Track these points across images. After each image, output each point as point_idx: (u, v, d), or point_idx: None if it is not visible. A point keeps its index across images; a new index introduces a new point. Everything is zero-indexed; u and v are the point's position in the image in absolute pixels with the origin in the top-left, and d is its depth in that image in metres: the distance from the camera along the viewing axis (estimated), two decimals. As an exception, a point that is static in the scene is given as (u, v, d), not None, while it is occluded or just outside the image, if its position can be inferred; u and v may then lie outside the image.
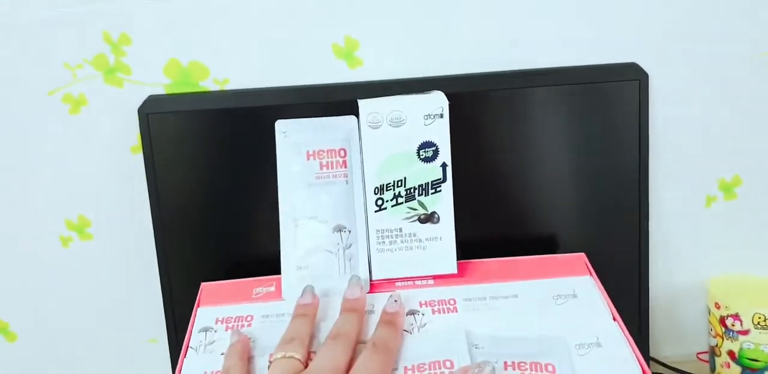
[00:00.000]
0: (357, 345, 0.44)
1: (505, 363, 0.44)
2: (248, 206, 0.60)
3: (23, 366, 0.70)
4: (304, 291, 0.50)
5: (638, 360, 0.45)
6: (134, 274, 0.66)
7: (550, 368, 0.44)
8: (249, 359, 0.45)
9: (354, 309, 0.47)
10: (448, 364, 0.44)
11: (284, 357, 0.42)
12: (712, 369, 0.68)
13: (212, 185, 0.60)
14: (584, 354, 0.45)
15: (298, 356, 0.42)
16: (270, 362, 0.43)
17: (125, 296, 0.68)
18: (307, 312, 0.48)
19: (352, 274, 0.51)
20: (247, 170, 0.60)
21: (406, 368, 0.44)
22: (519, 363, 0.44)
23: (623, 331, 0.47)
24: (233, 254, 0.61)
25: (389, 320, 0.47)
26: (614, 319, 0.48)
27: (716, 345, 0.67)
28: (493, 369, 0.40)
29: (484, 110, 0.60)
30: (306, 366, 0.42)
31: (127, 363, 0.70)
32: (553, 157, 0.61)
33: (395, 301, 0.48)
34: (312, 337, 0.46)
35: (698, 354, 0.72)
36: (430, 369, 0.44)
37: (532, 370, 0.44)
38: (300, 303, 0.49)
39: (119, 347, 0.69)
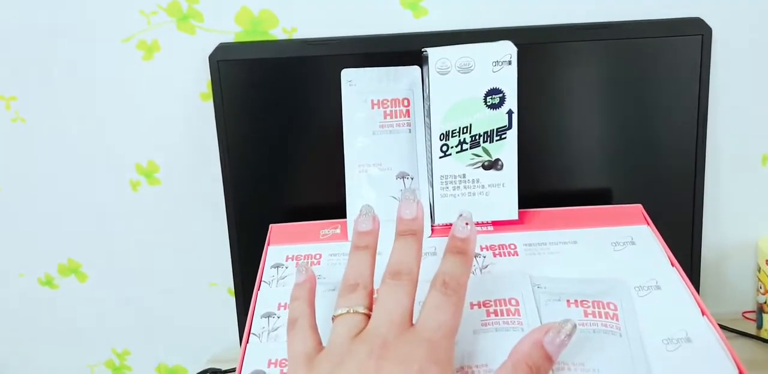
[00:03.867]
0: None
1: (568, 301, 0.46)
2: (313, 152, 0.62)
3: (93, 306, 0.75)
4: (361, 212, 0.45)
5: (697, 301, 0.46)
6: (200, 220, 0.69)
7: (612, 306, 0.45)
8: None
9: (412, 232, 0.43)
10: (513, 302, 0.46)
11: (348, 312, 0.40)
12: (759, 326, 0.69)
13: (279, 132, 0.62)
14: (644, 296, 0.47)
15: (362, 309, 0.40)
16: (334, 317, 0.40)
17: (189, 241, 0.71)
18: (368, 244, 0.44)
19: (406, 188, 0.46)
20: (312, 117, 0.61)
21: (471, 303, 0.46)
22: (582, 301, 0.45)
23: (681, 275, 0.48)
24: (298, 200, 0.63)
25: (460, 248, 0.42)
26: (672, 265, 0.50)
27: (765, 302, 0.67)
28: (575, 326, 0.39)
29: (545, 62, 0.60)
30: (370, 315, 0.40)
31: (189, 305, 0.74)
32: (614, 110, 0.62)
33: (465, 224, 0.42)
34: (374, 274, 0.43)
35: (744, 313, 0.72)
36: (496, 306, 0.46)
37: (594, 308, 0.45)
38: (359, 230, 0.44)
39: (182, 289, 0.73)
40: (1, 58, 0.65)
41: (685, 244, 0.65)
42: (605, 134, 0.63)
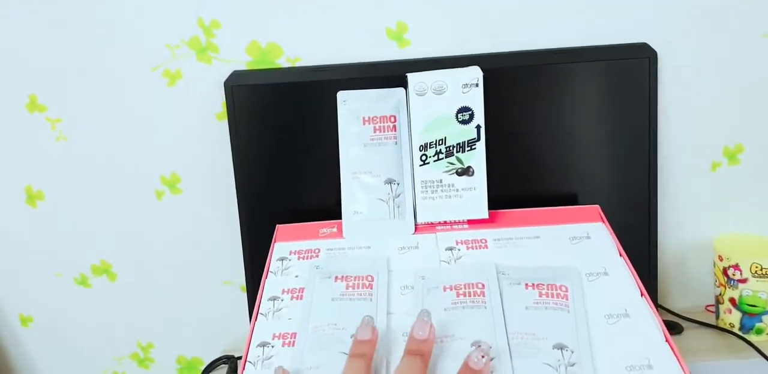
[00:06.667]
0: None
1: (526, 284, 0.53)
2: (313, 163, 0.70)
3: (121, 302, 0.82)
4: (362, 323, 0.47)
5: (638, 284, 0.54)
6: (215, 225, 0.77)
7: (563, 288, 0.53)
8: None
9: (420, 353, 0.45)
10: (480, 285, 0.54)
11: None
12: (717, 316, 0.76)
13: (284, 146, 0.70)
14: (593, 280, 0.54)
15: None
16: None
17: (206, 244, 0.79)
18: (365, 352, 0.45)
19: (422, 309, 0.48)
20: (312, 132, 0.69)
21: (444, 287, 0.54)
22: (537, 284, 0.53)
23: (627, 264, 0.56)
24: (301, 204, 0.71)
25: None
26: (620, 255, 0.57)
27: (720, 294, 0.74)
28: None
29: (513, 84, 0.68)
30: None
31: (205, 301, 0.82)
32: (574, 124, 0.70)
33: (482, 357, 0.44)
34: None
35: (707, 306, 0.79)
36: (465, 288, 0.54)
37: (548, 289, 0.53)
38: (359, 338, 0.46)
39: (200, 287, 0.81)
40: (48, 87, 0.74)
41: (643, 243, 0.72)
42: (568, 144, 0.70)
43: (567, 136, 0.70)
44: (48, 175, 0.78)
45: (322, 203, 0.67)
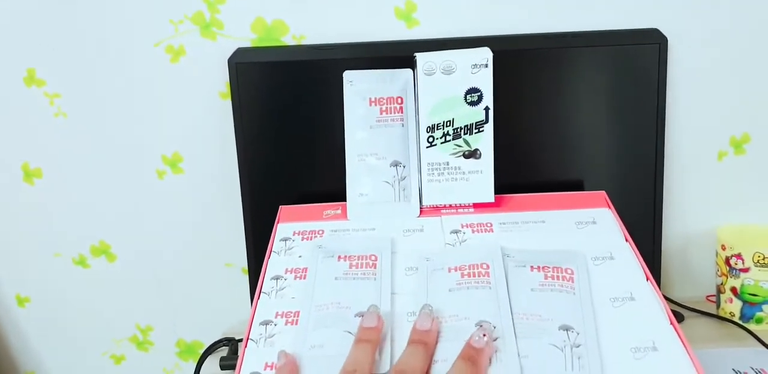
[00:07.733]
0: None
1: (531, 266, 0.53)
2: (318, 144, 0.69)
3: (121, 283, 0.82)
4: (368, 311, 0.48)
5: (644, 269, 0.53)
6: (218, 206, 0.77)
7: (569, 271, 0.53)
8: None
9: (423, 342, 0.45)
10: (484, 266, 0.53)
11: None
12: (718, 305, 0.76)
13: (288, 126, 0.69)
14: (599, 264, 0.54)
15: None
16: None
17: (208, 225, 0.78)
18: (371, 338, 0.46)
19: (425, 303, 0.49)
20: (318, 113, 0.69)
21: (449, 268, 0.53)
22: (543, 267, 0.53)
23: (633, 249, 0.56)
24: (305, 187, 0.71)
25: (472, 357, 0.43)
26: (626, 240, 0.57)
27: (721, 284, 0.74)
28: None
29: (519, 67, 0.68)
30: None
31: (206, 284, 0.81)
32: (582, 110, 0.69)
33: (483, 335, 0.45)
34: (373, 364, 0.45)
35: (707, 296, 0.79)
36: (469, 269, 0.53)
37: (554, 272, 0.53)
38: (364, 325, 0.47)
39: (201, 269, 0.80)
40: (46, 61, 0.73)
41: (648, 232, 0.72)
42: (576, 129, 0.70)
43: (573, 121, 0.70)
44: (46, 152, 0.77)
45: (325, 186, 0.66)
